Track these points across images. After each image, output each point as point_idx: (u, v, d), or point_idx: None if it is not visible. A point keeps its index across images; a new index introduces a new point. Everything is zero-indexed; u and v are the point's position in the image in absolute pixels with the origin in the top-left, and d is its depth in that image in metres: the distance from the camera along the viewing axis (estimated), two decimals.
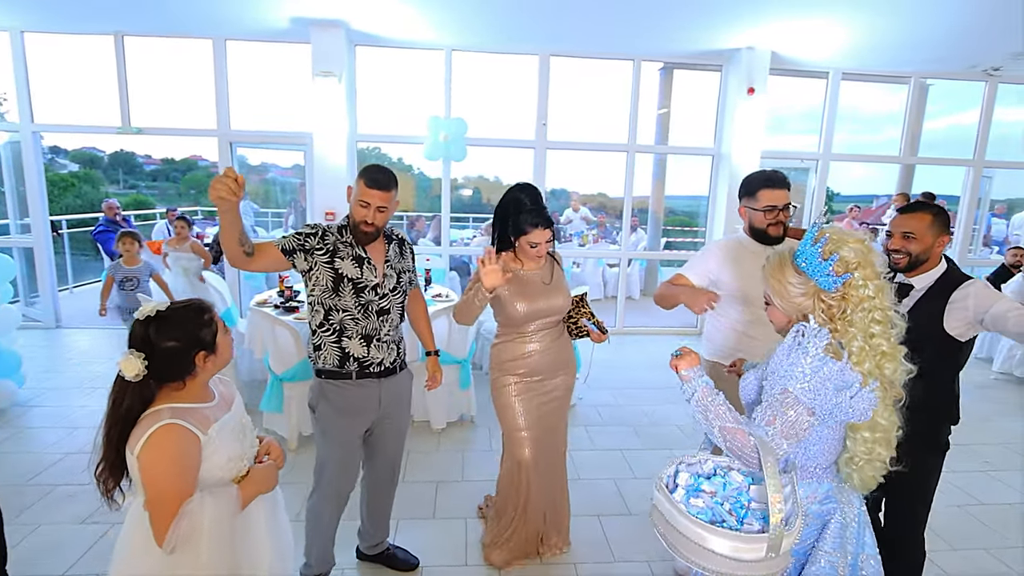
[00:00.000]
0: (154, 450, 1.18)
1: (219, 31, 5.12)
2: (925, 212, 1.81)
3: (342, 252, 1.92)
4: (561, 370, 2.26)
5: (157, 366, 1.24)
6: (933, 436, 1.84)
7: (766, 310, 1.43)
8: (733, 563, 1.10)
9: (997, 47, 5.17)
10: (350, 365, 1.95)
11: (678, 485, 1.28)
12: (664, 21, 4.74)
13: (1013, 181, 6.84)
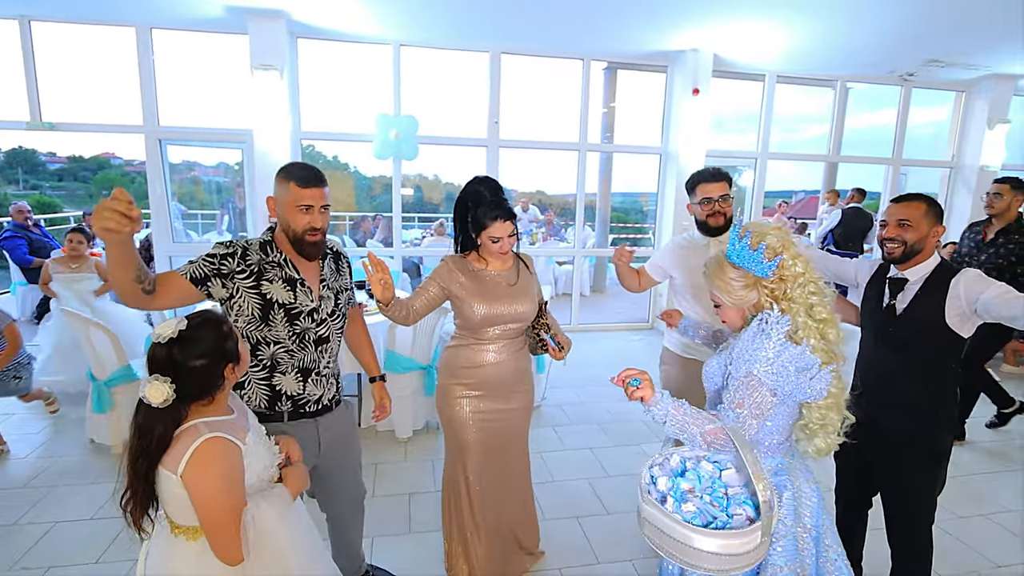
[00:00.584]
0: (202, 466, 1.15)
1: (143, 18, 4.71)
2: (920, 201, 1.79)
3: (270, 274, 1.62)
4: (518, 388, 2.06)
5: (186, 386, 1.19)
6: (932, 438, 1.80)
7: (717, 312, 1.51)
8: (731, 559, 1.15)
9: (913, 54, 5.59)
10: (282, 405, 1.67)
11: (664, 493, 1.29)
12: (612, 22, 4.79)
13: (925, 176, 7.44)
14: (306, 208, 1.60)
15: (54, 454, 3.18)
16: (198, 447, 1.15)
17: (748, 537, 1.15)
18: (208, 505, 1.15)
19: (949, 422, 1.84)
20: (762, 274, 1.36)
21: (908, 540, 1.90)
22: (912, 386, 1.80)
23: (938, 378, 1.79)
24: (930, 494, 1.84)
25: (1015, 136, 6.89)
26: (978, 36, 5.08)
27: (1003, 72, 6.14)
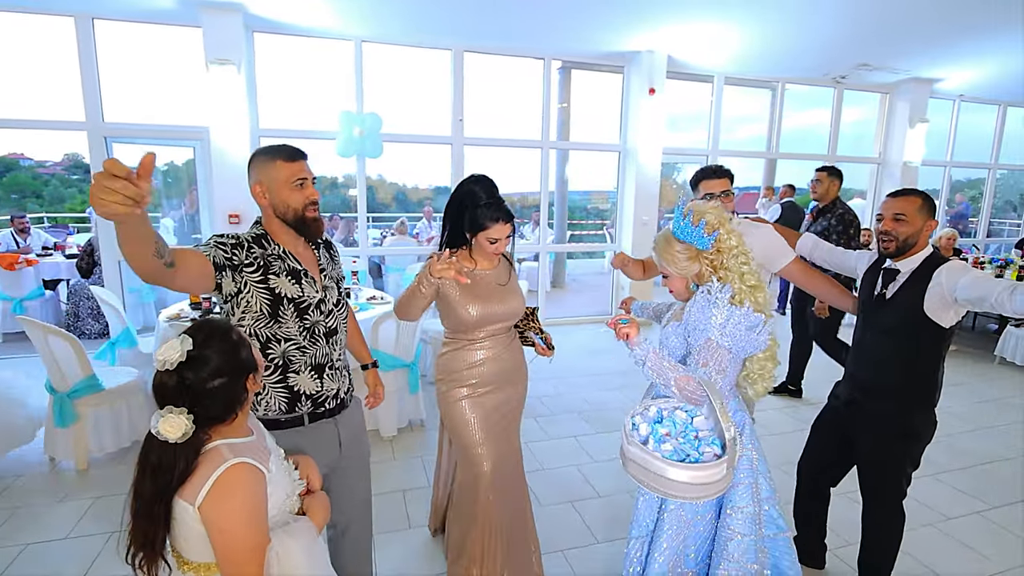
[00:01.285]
0: (224, 497, 1.01)
1: (83, 7, 4.41)
2: (915, 196, 1.86)
3: (275, 267, 1.53)
4: (513, 380, 2.06)
5: (208, 411, 1.06)
6: (905, 421, 1.89)
7: (664, 283, 1.72)
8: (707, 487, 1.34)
9: (846, 58, 6.05)
10: (302, 407, 1.59)
11: (645, 437, 1.46)
12: (572, 22, 4.92)
13: (855, 172, 8.04)
14: (300, 182, 1.53)
15: (9, 473, 2.95)
16: (221, 475, 1.02)
17: (716, 469, 1.33)
18: (230, 541, 1.03)
19: (925, 405, 1.90)
20: (703, 247, 1.58)
21: (881, 513, 2.02)
22: (892, 371, 1.90)
23: (917, 364, 1.86)
24: (901, 469, 1.94)
25: (935, 135, 7.58)
26: (902, 43, 5.56)
27: (922, 76, 6.73)
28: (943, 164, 7.92)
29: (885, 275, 1.93)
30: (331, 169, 9.07)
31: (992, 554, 2.47)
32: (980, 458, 3.36)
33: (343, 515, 1.80)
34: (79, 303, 5.38)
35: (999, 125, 8.03)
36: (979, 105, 7.90)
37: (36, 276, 5.65)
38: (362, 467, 1.86)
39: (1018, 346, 5.05)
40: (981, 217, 8.44)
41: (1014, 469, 3.25)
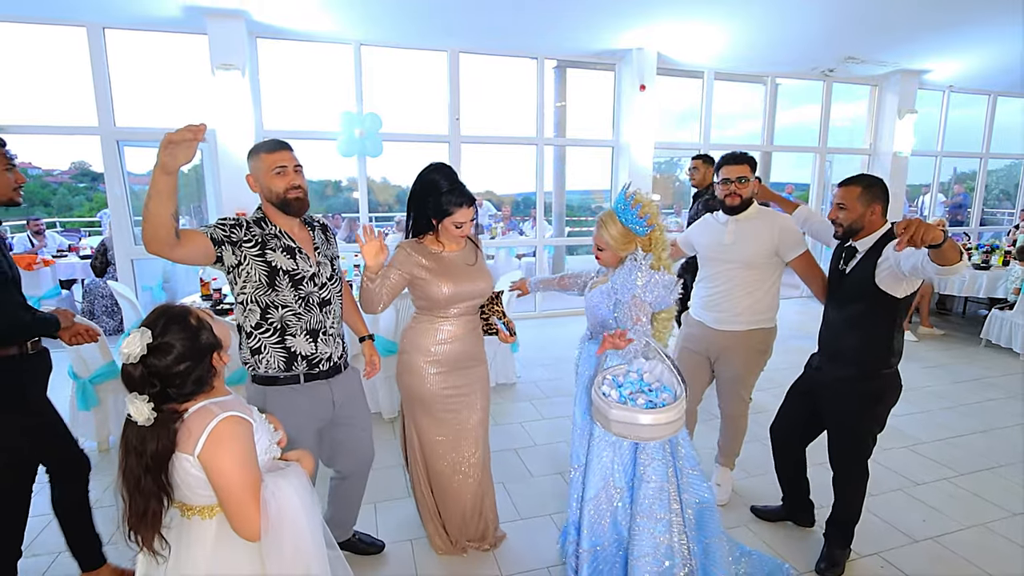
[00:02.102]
0: (221, 445, 1.15)
1: (95, 17, 4.63)
2: (855, 184, 1.99)
3: (271, 243, 1.76)
4: (472, 363, 2.17)
5: (180, 390, 1.17)
6: (862, 385, 2.05)
7: (598, 255, 2.02)
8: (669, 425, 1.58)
9: (833, 52, 6.20)
10: (298, 366, 1.81)
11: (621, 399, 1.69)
12: (564, 22, 5.10)
13: (849, 165, 8.17)
14: (280, 169, 1.75)
15: None
16: (215, 428, 1.14)
17: (675, 411, 1.59)
18: (228, 481, 1.14)
19: (882, 368, 2.04)
20: (641, 233, 1.91)
21: (847, 472, 2.18)
22: (851, 338, 2.07)
23: (872, 331, 2.02)
24: (866, 429, 2.11)
25: (928, 126, 7.72)
26: (886, 35, 5.70)
27: (909, 68, 6.87)
28: (934, 154, 8.03)
29: (846, 253, 2.12)
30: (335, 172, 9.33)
31: (955, 514, 2.63)
32: (955, 432, 3.51)
33: (347, 464, 2.06)
34: (94, 301, 5.61)
35: (989, 115, 8.14)
36: (972, 96, 8.02)
37: (53, 276, 5.89)
38: (361, 428, 2.08)
39: (1003, 329, 5.19)
40: (974, 206, 8.54)
41: (988, 441, 3.40)
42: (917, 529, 2.52)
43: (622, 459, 1.86)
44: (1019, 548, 2.40)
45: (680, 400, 1.60)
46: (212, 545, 1.20)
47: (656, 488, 1.79)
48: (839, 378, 2.12)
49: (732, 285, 2.47)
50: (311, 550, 1.27)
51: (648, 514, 1.79)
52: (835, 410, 2.16)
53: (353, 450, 2.08)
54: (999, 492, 2.83)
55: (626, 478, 1.87)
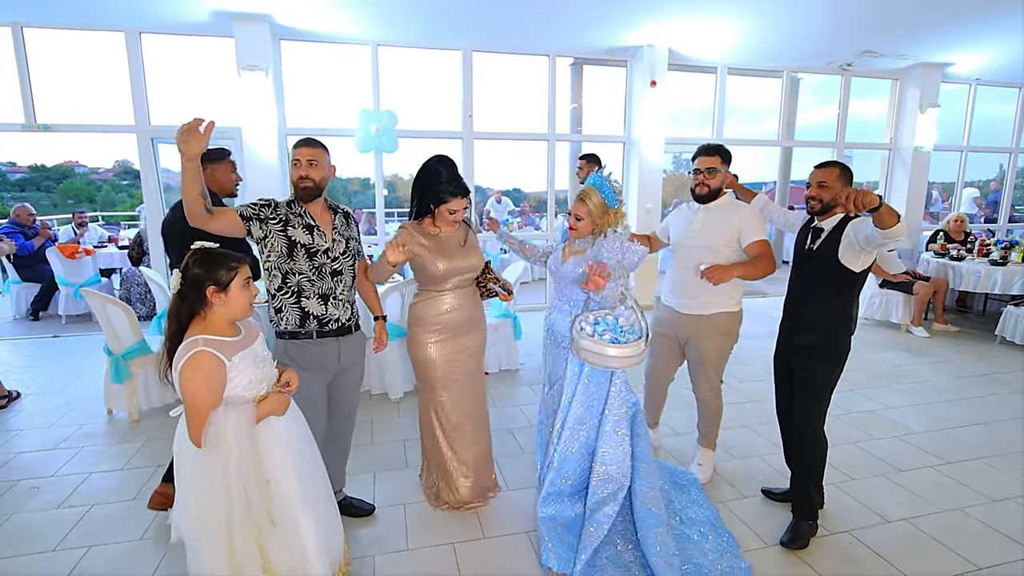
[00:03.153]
0: (190, 370, 1.49)
1: (132, 23, 4.98)
2: (834, 166, 2.26)
3: (293, 221, 2.10)
4: (475, 327, 2.51)
5: (184, 287, 1.58)
6: (829, 348, 2.28)
7: (575, 226, 2.35)
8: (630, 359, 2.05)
9: (850, 45, 6.15)
10: (310, 324, 2.13)
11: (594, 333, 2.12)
12: (574, 20, 5.21)
13: (869, 164, 8.07)
14: (296, 162, 2.10)
15: (74, 423, 3.48)
16: (192, 355, 1.49)
17: (636, 346, 2.05)
18: (190, 397, 1.49)
19: (844, 334, 2.29)
20: (613, 206, 2.33)
21: (802, 434, 2.36)
22: (815, 308, 2.31)
23: (834, 301, 2.26)
24: (825, 390, 2.32)
25: (948, 120, 7.56)
26: (905, 28, 5.64)
27: (931, 61, 6.75)
28: (958, 149, 7.86)
29: (813, 233, 2.34)
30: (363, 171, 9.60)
31: (934, 499, 2.68)
32: (952, 423, 3.53)
33: (333, 422, 2.34)
34: (130, 288, 6.00)
35: (1020, 108, 7.92)
36: (1001, 90, 7.82)
37: (93, 265, 6.31)
38: (354, 382, 2.39)
39: (1018, 325, 5.11)
40: (1002, 202, 8.32)
41: (984, 433, 3.40)
42: (892, 511, 2.59)
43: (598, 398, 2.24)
44: (992, 532, 2.44)
45: (641, 341, 2.06)
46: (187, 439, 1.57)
47: (621, 414, 2.22)
48: (808, 345, 2.33)
49: (690, 267, 2.60)
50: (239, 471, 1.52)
51: (615, 431, 2.21)
52: (805, 374, 2.34)
53: (341, 400, 2.35)
54: (984, 480, 2.86)
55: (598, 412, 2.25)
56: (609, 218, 2.34)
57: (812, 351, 2.32)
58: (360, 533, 2.40)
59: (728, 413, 3.63)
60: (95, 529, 2.41)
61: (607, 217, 2.33)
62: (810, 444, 2.37)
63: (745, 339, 5.34)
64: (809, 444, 2.37)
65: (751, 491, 2.74)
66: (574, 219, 2.35)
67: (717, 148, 2.59)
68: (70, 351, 4.93)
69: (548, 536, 2.22)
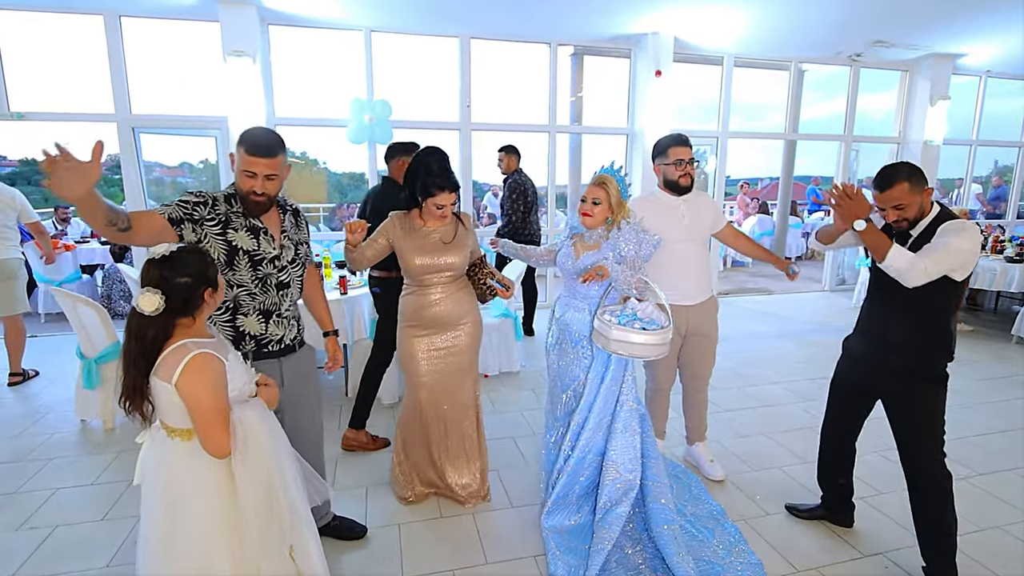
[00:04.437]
0: (193, 376, 1.32)
1: (111, 6, 4.70)
2: (897, 182, 1.85)
3: (235, 223, 1.76)
4: (461, 321, 2.39)
5: (172, 300, 1.35)
6: (927, 369, 1.94)
7: (589, 213, 2.22)
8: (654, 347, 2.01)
9: (859, 35, 5.94)
10: (246, 345, 1.82)
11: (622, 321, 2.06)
12: (576, 5, 4.98)
13: (876, 160, 7.88)
14: (250, 174, 1.72)
15: (45, 431, 3.24)
16: (191, 360, 1.32)
17: (663, 335, 2.01)
18: (199, 406, 1.32)
19: (942, 353, 1.94)
20: (625, 197, 2.26)
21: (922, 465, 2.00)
22: (906, 326, 1.95)
23: (929, 316, 1.91)
24: (935, 416, 1.96)
25: (959, 113, 7.37)
26: (917, 17, 5.43)
27: (942, 52, 6.55)
28: (968, 143, 7.68)
29: (898, 238, 1.96)
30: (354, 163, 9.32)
31: (969, 515, 2.48)
32: (975, 430, 3.34)
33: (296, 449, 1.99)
34: (112, 286, 5.75)
35: None
36: (1007, 84, 7.63)
37: (74, 261, 6.05)
38: (308, 407, 2.02)
39: None
40: (1011, 198, 8.15)
41: (1009, 441, 3.23)
42: None
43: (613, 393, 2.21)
44: None
45: (667, 329, 2.01)
46: (186, 460, 1.39)
47: (631, 409, 2.20)
48: (901, 368, 1.98)
49: (689, 260, 2.61)
50: (274, 465, 1.46)
51: (626, 428, 2.18)
52: (901, 400, 2.01)
53: (298, 431, 1.92)
54: (1018, 494, 2.68)
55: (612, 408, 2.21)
56: (624, 210, 2.25)
57: (910, 374, 1.97)
58: (348, 557, 2.19)
59: (740, 417, 3.48)
60: (57, 555, 2.19)
61: (621, 207, 2.24)
62: (937, 488, 1.97)
63: (752, 338, 5.26)
64: (936, 489, 1.97)
65: (774, 507, 2.54)
66: (591, 204, 2.22)
67: (687, 138, 2.60)
68: (46, 352, 4.69)
69: (556, 544, 2.18)
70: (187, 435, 1.39)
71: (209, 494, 1.39)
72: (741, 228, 9.75)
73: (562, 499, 2.26)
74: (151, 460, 1.43)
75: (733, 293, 7.43)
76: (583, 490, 2.28)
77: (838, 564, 2.18)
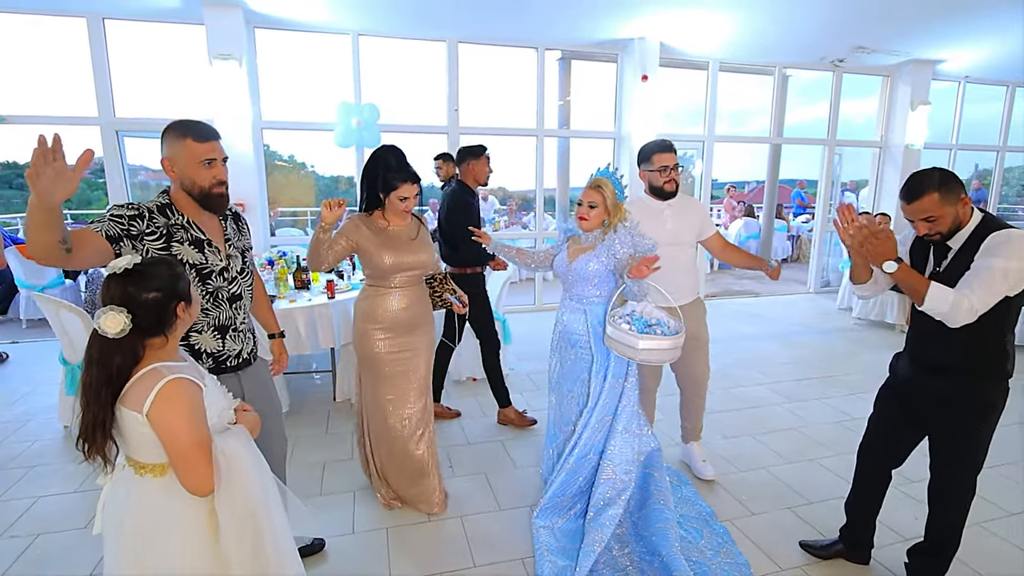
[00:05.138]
0: (168, 404, 1.17)
1: (94, 8, 4.66)
2: (929, 191, 1.67)
3: (178, 235, 1.61)
4: (421, 327, 2.43)
5: (141, 319, 1.20)
6: (972, 395, 1.77)
7: (586, 216, 2.23)
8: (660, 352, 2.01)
9: (842, 41, 6.04)
10: (203, 363, 1.69)
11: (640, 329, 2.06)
12: (563, 11, 5.02)
13: (859, 163, 8.02)
14: (209, 162, 1.60)
15: (27, 439, 3.20)
16: (163, 387, 1.17)
17: (678, 338, 2.02)
18: (176, 439, 1.17)
19: (994, 376, 1.77)
20: (621, 199, 2.25)
21: (952, 487, 1.92)
22: (952, 348, 1.76)
23: (981, 336, 1.70)
24: (978, 440, 1.83)
25: (937, 119, 7.51)
26: (897, 24, 5.54)
27: (922, 57, 6.68)
28: (948, 147, 7.83)
29: (937, 251, 1.82)
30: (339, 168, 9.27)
31: None
32: None
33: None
34: (95, 291, 5.66)
35: (1008, 107, 7.91)
36: (992, 89, 7.79)
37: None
38: (272, 419, 1.92)
39: None
40: (989, 202, 8.32)
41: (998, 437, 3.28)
42: (908, 527, 2.43)
43: (616, 394, 2.24)
44: (1015, 548, 2.31)
45: (681, 333, 2.04)
46: (162, 499, 1.25)
47: (632, 410, 2.23)
48: (949, 392, 1.81)
49: (674, 264, 2.55)
50: (260, 500, 1.32)
51: (627, 429, 2.21)
52: (945, 424, 1.86)
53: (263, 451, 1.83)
54: (997, 491, 2.73)
55: (614, 407, 2.25)
56: (620, 212, 2.27)
57: (951, 401, 1.80)
58: (335, 560, 2.18)
59: (728, 419, 3.51)
60: (39, 563, 2.16)
61: (617, 210, 2.26)
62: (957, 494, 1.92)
63: (740, 340, 5.31)
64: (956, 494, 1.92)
65: (760, 507, 2.57)
66: (587, 207, 2.23)
67: (673, 144, 2.63)
68: (29, 358, 4.62)
69: (546, 544, 2.20)
70: (159, 470, 1.24)
71: (187, 535, 1.25)
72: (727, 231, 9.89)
73: (557, 497, 2.28)
74: (117, 503, 1.27)
75: (720, 296, 7.50)
76: (579, 489, 2.30)
77: (822, 563, 2.21)
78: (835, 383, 4.04)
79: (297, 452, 3.04)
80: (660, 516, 2.16)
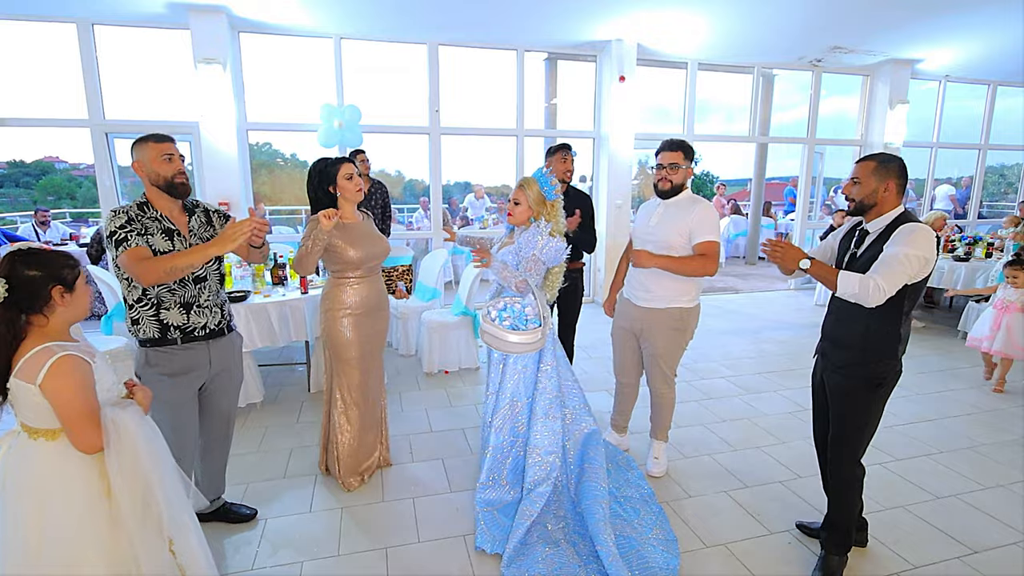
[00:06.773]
0: (59, 377, 1.35)
1: (84, 14, 4.83)
2: (871, 160, 1.93)
3: (151, 227, 1.97)
4: (382, 310, 2.70)
5: (17, 293, 1.37)
6: (866, 369, 1.95)
7: (512, 212, 2.43)
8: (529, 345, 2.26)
9: (818, 41, 6.15)
10: (172, 334, 2.03)
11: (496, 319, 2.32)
12: (540, 13, 5.15)
13: (841, 161, 8.11)
14: (168, 157, 1.99)
15: None
16: (56, 361, 1.34)
17: (533, 334, 2.25)
18: (68, 406, 1.35)
19: (886, 355, 1.94)
20: (551, 198, 2.43)
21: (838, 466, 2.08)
22: (857, 323, 1.95)
23: (878, 317, 1.89)
24: (864, 418, 2.00)
25: (921, 119, 7.60)
26: (872, 24, 5.65)
27: (900, 57, 6.78)
28: (928, 146, 7.91)
29: (859, 236, 2.02)
30: None
31: (877, 496, 2.66)
32: (902, 419, 3.52)
33: (211, 427, 2.28)
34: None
35: (989, 105, 7.98)
36: (974, 87, 7.86)
37: None
38: (231, 387, 2.31)
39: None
40: (972, 199, 8.40)
41: (934, 430, 3.41)
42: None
43: (525, 380, 2.43)
44: (933, 529, 2.44)
45: (539, 329, 2.26)
46: (56, 460, 1.41)
47: (551, 397, 2.40)
48: (844, 364, 2.02)
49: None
50: (151, 464, 1.47)
51: (546, 414, 2.39)
52: (838, 397, 2.06)
53: (217, 405, 2.27)
54: (929, 477, 2.86)
55: (527, 392, 2.43)
56: (546, 209, 2.42)
57: (847, 370, 2.01)
58: (292, 538, 2.34)
59: (684, 409, 3.64)
60: None
61: (544, 207, 2.42)
62: (847, 474, 2.07)
63: (709, 335, 5.43)
64: (846, 474, 2.08)
65: (697, 490, 2.72)
66: (512, 204, 2.45)
67: (680, 144, 2.57)
68: None
69: (484, 519, 2.36)
70: (52, 435, 1.40)
71: (80, 492, 1.40)
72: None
73: (492, 478, 2.46)
74: (10, 465, 1.41)
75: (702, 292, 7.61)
76: (512, 472, 2.47)
77: (746, 540, 2.35)
78: (793, 376, 4.17)
79: (268, 438, 3.21)
80: (590, 493, 2.30)
